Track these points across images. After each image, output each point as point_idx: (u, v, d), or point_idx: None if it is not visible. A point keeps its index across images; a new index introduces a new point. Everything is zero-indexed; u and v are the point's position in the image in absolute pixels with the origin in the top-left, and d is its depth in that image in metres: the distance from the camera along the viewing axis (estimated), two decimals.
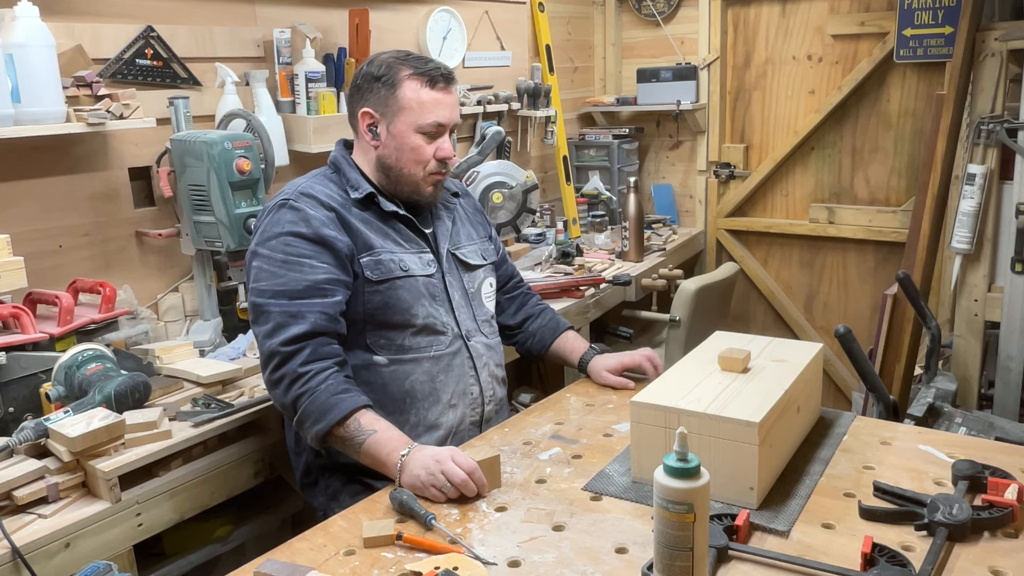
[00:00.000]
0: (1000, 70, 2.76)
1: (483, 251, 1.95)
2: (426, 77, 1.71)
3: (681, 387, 1.44)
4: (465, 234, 1.92)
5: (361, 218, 1.72)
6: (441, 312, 1.77)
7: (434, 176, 1.77)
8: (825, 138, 3.76)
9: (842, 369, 3.83)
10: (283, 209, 1.67)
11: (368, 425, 1.52)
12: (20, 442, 1.55)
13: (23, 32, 1.87)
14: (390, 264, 1.71)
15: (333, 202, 1.70)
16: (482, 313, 1.88)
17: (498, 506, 1.37)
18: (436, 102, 1.71)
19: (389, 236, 1.75)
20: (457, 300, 1.81)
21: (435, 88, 1.71)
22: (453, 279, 1.83)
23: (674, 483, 1.06)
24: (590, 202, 3.83)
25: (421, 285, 1.74)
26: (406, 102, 1.70)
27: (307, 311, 1.59)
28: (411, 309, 1.72)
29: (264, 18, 2.56)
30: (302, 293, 1.60)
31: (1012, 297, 2.79)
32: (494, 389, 1.86)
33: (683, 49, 4.00)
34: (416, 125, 1.71)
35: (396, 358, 1.72)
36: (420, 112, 1.70)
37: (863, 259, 3.77)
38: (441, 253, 1.83)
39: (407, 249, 1.76)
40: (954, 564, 1.16)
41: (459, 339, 1.79)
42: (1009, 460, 1.42)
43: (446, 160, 1.77)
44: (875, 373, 2.14)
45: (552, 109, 3.60)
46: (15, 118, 1.87)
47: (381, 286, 1.69)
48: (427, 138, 1.73)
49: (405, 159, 1.74)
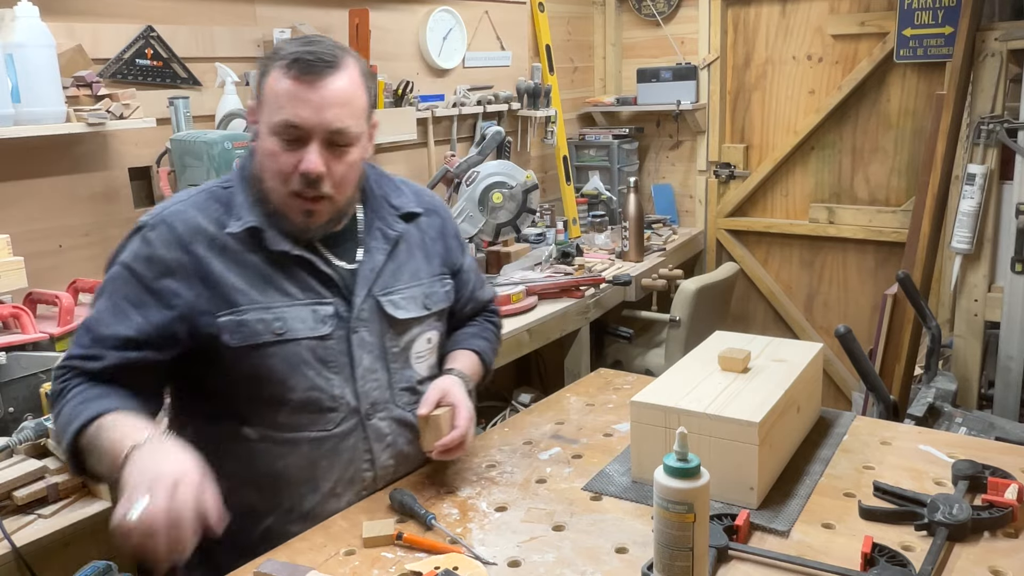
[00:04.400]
0: (1000, 70, 2.76)
1: (427, 296, 1.50)
2: (288, 62, 1.29)
3: (681, 387, 1.43)
4: (409, 272, 1.48)
5: (235, 260, 1.33)
6: (334, 383, 1.38)
7: (300, 200, 1.33)
8: (825, 138, 3.76)
9: (842, 369, 3.83)
10: (135, 236, 1.35)
11: (106, 423, 1.22)
12: (20, 442, 1.55)
13: (23, 32, 1.87)
14: (256, 326, 1.32)
15: (199, 238, 1.33)
16: (403, 379, 1.46)
17: (498, 506, 1.37)
18: (291, 96, 1.28)
19: (272, 284, 1.35)
20: (365, 366, 1.40)
21: (297, 78, 1.28)
22: (369, 335, 1.41)
23: (674, 483, 1.06)
24: (590, 202, 3.83)
25: (304, 351, 1.35)
26: (267, 93, 1.32)
27: (104, 355, 1.29)
28: (287, 382, 1.34)
29: (264, 18, 2.56)
30: (106, 340, 1.29)
31: (1012, 297, 2.79)
32: (396, 470, 1.47)
33: (683, 49, 4.00)
34: (270, 123, 1.31)
35: (267, 434, 1.36)
36: (274, 107, 1.30)
37: (863, 259, 3.77)
38: (354, 302, 1.40)
39: (296, 301, 1.35)
40: (954, 564, 1.16)
41: (354, 416, 1.40)
42: (1009, 460, 1.42)
43: (311, 177, 1.30)
44: (875, 373, 2.14)
45: (552, 109, 3.60)
46: (15, 118, 1.87)
47: (243, 354, 1.32)
48: (283, 143, 1.30)
49: (265, 168, 1.34)
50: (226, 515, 1.13)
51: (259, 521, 1.38)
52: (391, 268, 1.45)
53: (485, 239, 3.01)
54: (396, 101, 2.87)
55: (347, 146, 1.33)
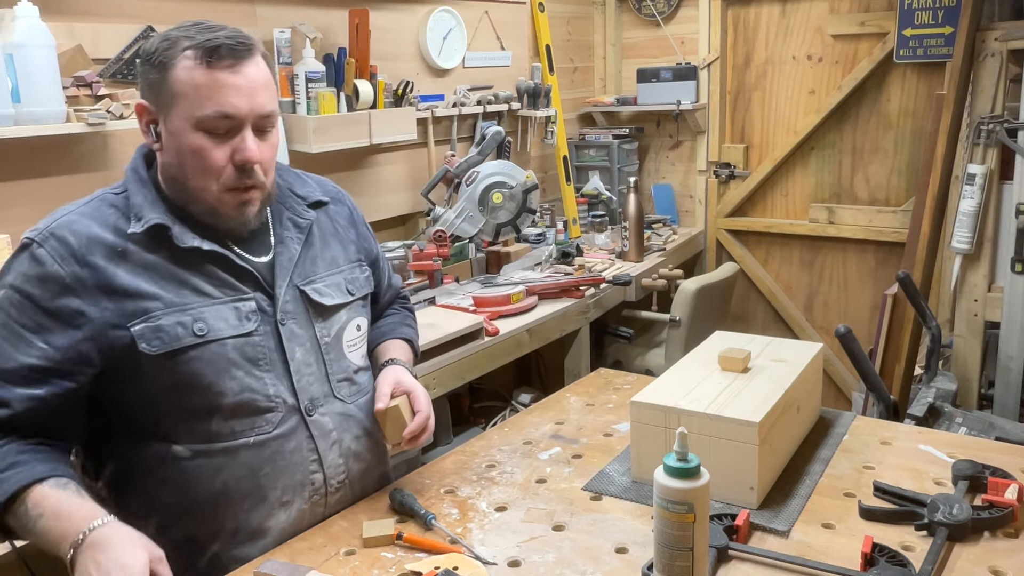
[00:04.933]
0: (1000, 70, 2.76)
1: (349, 282, 1.45)
2: (201, 50, 1.22)
3: (681, 387, 1.44)
4: (325, 260, 1.43)
5: (141, 264, 1.24)
6: (267, 381, 1.30)
7: (235, 193, 1.26)
8: (825, 138, 3.76)
9: (842, 369, 3.83)
10: (23, 254, 1.22)
11: (38, 501, 1.12)
12: None
13: (23, 32, 1.87)
14: (175, 330, 1.22)
15: (96, 248, 1.22)
16: (340, 370, 1.40)
17: (498, 506, 1.37)
18: (217, 84, 1.22)
19: (186, 284, 1.26)
20: (299, 359, 1.34)
21: (216, 66, 1.22)
22: (299, 328, 1.35)
23: (674, 483, 1.06)
24: (590, 202, 3.83)
25: (231, 351, 1.26)
26: (179, 87, 1.22)
27: (11, 398, 1.17)
28: (215, 386, 1.25)
29: (264, 18, 2.56)
30: (10, 375, 1.17)
31: (1012, 297, 2.79)
32: (348, 469, 1.39)
33: (683, 49, 4.00)
34: (193, 118, 1.22)
35: (201, 448, 1.26)
36: (196, 100, 1.22)
37: (863, 259, 3.78)
38: (277, 295, 1.33)
39: (214, 300, 1.27)
40: (954, 564, 1.16)
41: (295, 414, 1.32)
42: (1009, 460, 1.42)
43: (249, 166, 1.25)
44: (875, 373, 2.15)
45: (552, 109, 3.60)
46: (15, 118, 1.87)
47: (165, 362, 1.22)
48: (212, 137, 1.24)
49: (188, 168, 1.25)
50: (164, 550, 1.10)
51: (202, 551, 1.29)
52: (308, 256, 1.40)
53: (485, 239, 3.02)
54: (396, 101, 2.87)
55: (271, 129, 1.30)
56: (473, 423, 3.01)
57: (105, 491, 1.31)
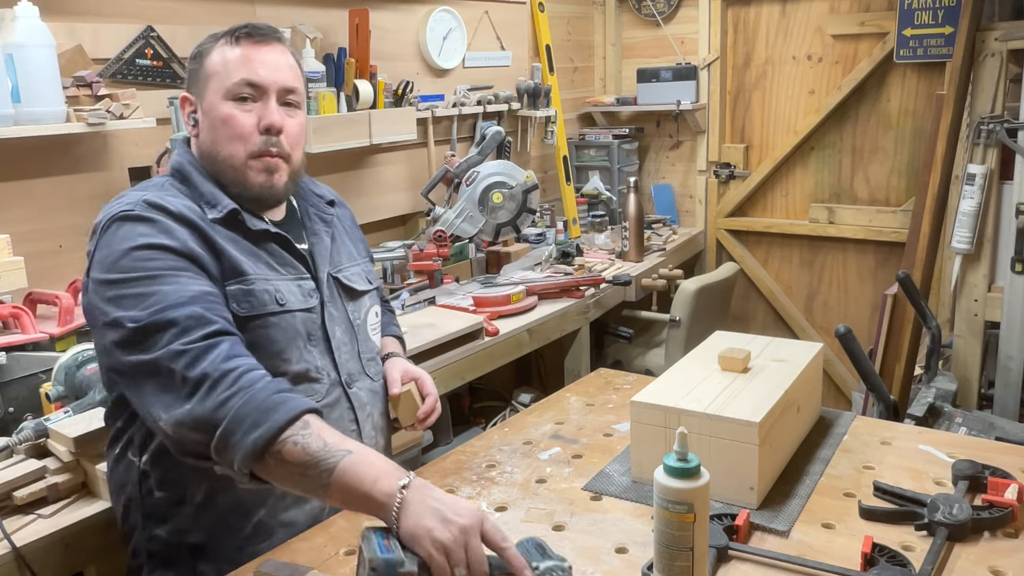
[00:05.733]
0: (1000, 70, 2.76)
1: (367, 273, 1.58)
2: (231, 35, 1.37)
3: (681, 387, 1.44)
4: (346, 253, 1.55)
5: (226, 238, 1.33)
6: (315, 355, 1.40)
7: (263, 158, 1.36)
8: (825, 138, 3.77)
9: (842, 369, 3.83)
10: (127, 223, 1.25)
11: (337, 440, 1.14)
12: (20, 442, 1.55)
13: (23, 32, 1.87)
14: (263, 296, 1.33)
15: (193, 215, 1.30)
16: (368, 350, 1.52)
17: (498, 506, 1.37)
18: (244, 58, 1.35)
19: (261, 260, 1.37)
20: (339, 338, 1.45)
21: (242, 43, 1.36)
22: (335, 310, 1.46)
23: (674, 483, 1.06)
24: (590, 202, 3.84)
25: (299, 323, 1.38)
26: (212, 68, 1.35)
27: (211, 314, 1.21)
28: (283, 353, 1.35)
29: (264, 18, 2.56)
30: (196, 298, 1.21)
31: (1012, 297, 2.79)
32: (376, 442, 1.50)
33: (683, 49, 4.00)
34: (223, 89, 1.34)
35: None
36: (225, 73, 1.34)
37: (863, 259, 3.78)
38: (321, 279, 1.45)
39: (283, 276, 1.39)
40: (954, 564, 1.16)
41: (338, 387, 1.43)
42: (1009, 460, 1.42)
43: (275, 131, 1.35)
44: (875, 373, 2.15)
45: (552, 109, 3.60)
46: (15, 118, 1.87)
47: (249, 324, 1.31)
48: (240, 104, 1.34)
49: (219, 138, 1.35)
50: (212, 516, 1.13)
51: (249, 515, 1.34)
52: (336, 248, 1.52)
53: (485, 239, 3.02)
54: (396, 101, 2.87)
55: (297, 107, 1.41)
56: (473, 423, 3.01)
57: (150, 464, 1.32)
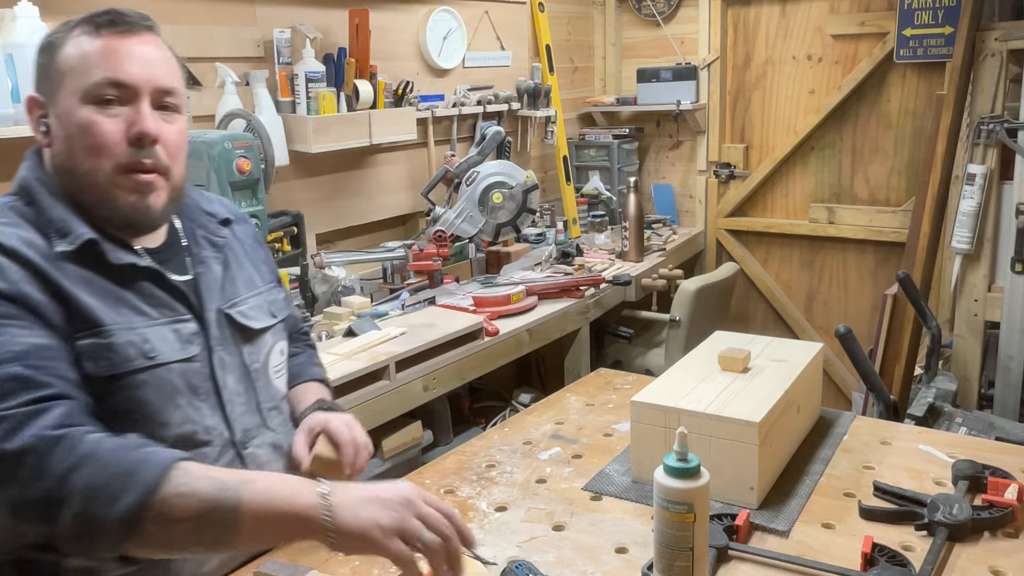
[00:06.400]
0: (1000, 70, 2.76)
1: (271, 304, 1.33)
2: (91, 23, 1.10)
3: (681, 387, 1.44)
4: (244, 281, 1.29)
5: (78, 278, 1.07)
6: (204, 412, 1.16)
7: (133, 174, 1.11)
8: (825, 138, 3.77)
9: (842, 369, 3.83)
10: None
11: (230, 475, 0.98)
12: None
13: (23, 32, 1.87)
14: (126, 350, 1.08)
15: (30, 251, 1.05)
16: (268, 398, 1.28)
17: (498, 506, 1.37)
18: (107, 51, 1.08)
19: (126, 303, 1.11)
20: (231, 388, 1.20)
21: (103, 33, 1.09)
22: (227, 354, 1.21)
23: (674, 483, 1.06)
24: (590, 202, 3.84)
25: (176, 377, 1.13)
26: (66, 63, 1.09)
27: (41, 375, 0.98)
28: (159, 416, 1.11)
29: (264, 18, 2.56)
30: (22, 355, 0.98)
31: (1012, 297, 2.79)
32: None
33: (683, 49, 4.00)
34: (81, 90, 1.08)
35: None
36: (84, 69, 1.08)
37: (863, 259, 3.78)
38: (208, 318, 1.20)
39: (154, 320, 1.13)
40: (954, 564, 1.16)
41: (230, 448, 1.19)
42: (1009, 460, 1.42)
43: (149, 141, 1.10)
44: (875, 373, 2.15)
45: (552, 109, 3.60)
46: (15, 118, 1.87)
47: (112, 386, 1.07)
48: (103, 108, 1.08)
49: (77, 149, 1.09)
50: None
51: None
52: (228, 277, 1.27)
53: (485, 239, 3.02)
54: (396, 101, 2.87)
55: (176, 111, 1.17)
56: (473, 423, 3.01)
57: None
